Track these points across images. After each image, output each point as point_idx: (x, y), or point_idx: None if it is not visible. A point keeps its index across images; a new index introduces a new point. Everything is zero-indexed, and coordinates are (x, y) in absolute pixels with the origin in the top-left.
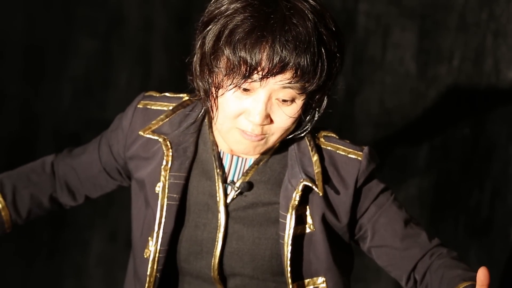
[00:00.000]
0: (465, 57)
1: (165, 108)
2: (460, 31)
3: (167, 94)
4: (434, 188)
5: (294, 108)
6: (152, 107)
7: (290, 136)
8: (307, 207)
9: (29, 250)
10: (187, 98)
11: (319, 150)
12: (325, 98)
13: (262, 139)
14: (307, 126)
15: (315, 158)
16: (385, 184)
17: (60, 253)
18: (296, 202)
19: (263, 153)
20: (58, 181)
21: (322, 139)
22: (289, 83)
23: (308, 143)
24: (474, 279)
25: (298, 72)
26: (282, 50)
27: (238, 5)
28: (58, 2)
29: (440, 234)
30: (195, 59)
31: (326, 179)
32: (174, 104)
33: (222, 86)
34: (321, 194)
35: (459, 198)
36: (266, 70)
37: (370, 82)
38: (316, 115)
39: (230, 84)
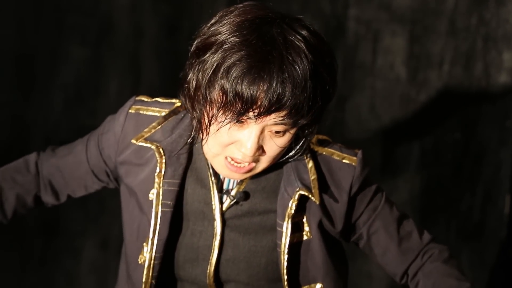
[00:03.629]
0: (455, 61)
1: (157, 114)
2: (450, 36)
3: (158, 99)
4: (425, 192)
5: (286, 139)
6: (144, 113)
7: (280, 161)
8: (304, 214)
9: (20, 258)
10: (179, 104)
11: (313, 155)
12: (315, 127)
13: (249, 170)
14: (298, 153)
15: (310, 164)
16: (376, 184)
17: (52, 260)
18: (292, 211)
19: None
20: (42, 180)
21: (316, 144)
22: (282, 120)
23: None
24: None
25: (293, 111)
26: (279, 90)
27: (235, 40)
28: (49, 10)
29: None
30: (190, 86)
31: (322, 185)
32: (166, 110)
33: (216, 119)
34: (317, 202)
35: (450, 202)
36: (262, 109)
37: (360, 88)
38: (306, 142)
39: (225, 120)
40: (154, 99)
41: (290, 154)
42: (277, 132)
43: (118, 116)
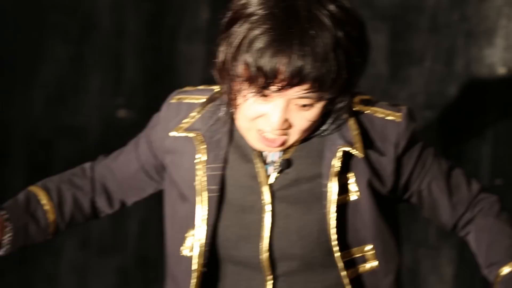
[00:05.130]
0: (437, 58)
1: (196, 101)
2: (432, 33)
3: (200, 87)
4: None
5: (314, 112)
6: (185, 101)
7: (315, 134)
8: (351, 174)
9: None
10: (217, 90)
11: (356, 114)
12: (346, 100)
13: (281, 144)
14: (331, 127)
15: (351, 121)
16: (423, 140)
17: (31, 260)
18: (336, 169)
19: None
20: (97, 183)
21: (359, 103)
22: (306, 93)
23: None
24: None
25: (316, 84)
26: (299, 63)
27: (261, 12)
28: (30, 8)
29: (412, 234)
30: (218, 60)
31: (366, 142)
32: (205, 97)
33: (241, 92)
34: (361, 156)
35: None
36: (283, 82)
37: None
38: (338, 116)
39: (249, 93)
40: (196, 88)
41: (323, 127)
42: (303, 105)
43: (161, 109)
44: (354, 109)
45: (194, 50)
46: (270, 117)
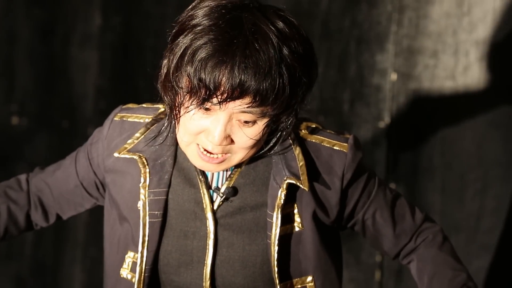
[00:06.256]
0: (329, 64)
1: (141, 121)
2: (323, 38)
3: (144, 105)
4: None
5: (256, 130)
6: (129, 119)
7: (259, 154)
8: (295, 205)
9: None
10: (162, 109)
11: (302, 143)
12: (291, 118)
13: (222, 161)
14: (275, 146)
15: (297, 151)
16: (369, 169)
17: None
18: (282, 201)
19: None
20: (32, 197)
21: (305, 131)
22: (248, 107)
23: (289, 137)
24: (462, 282)
25: (257, 98)
26: (241, 75)
27: (206, 23)
28: None
29: None
30: (162, 72)
31: (312, 173)
32: (150, 117)
33: (183, 105)
34: (306, 189)
35: None
36: (225, 95)
37: None
38: (283, 135)
39: (191, 105)
40: (139, 105)
41: (267, 147)
42: (246, 122)
43: (104, 125)
44: (300, 135)
45: (87, 56)
46: (211, 132)
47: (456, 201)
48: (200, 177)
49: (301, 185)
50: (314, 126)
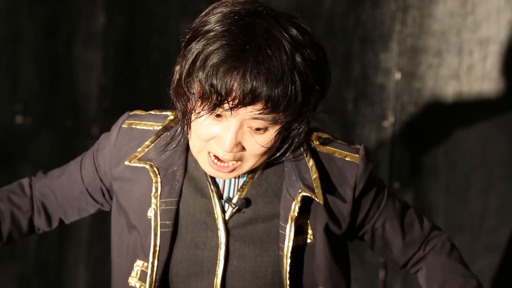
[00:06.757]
0: (333, 63)
1: (150, 128)
2: (327, 37)
3: (152, 112)
4: None
5: (267, 137)
6: (137, 127)
7: (270, 161)
8: (308, 217)
9: None
10: (171, 117)
11: (314, 154)
12: (303, 126)
13: (233, 169)
14: (286, 153)
15: (311, 163)
16: (379, 180)
17: None
18: (296, 214)
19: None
20: (36, 202)
21: (316, 142)
22: (260, 114)
23: (302, 148)
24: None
25: (269, 104)
26: (253, 81)
27: (219, 28)
28: None
29: None
30: (174, 78)
31: (325, 185)
32: (159, 125)
33: (195, 111)
34: (321, 203)
35: None
36: (236, 101)
37: None
38: (295, 142)
39: (202, 111)
40: (147, 112)
41: (277, 154)
42: (257, 129)
43: (111, 132)
44: (312, 146)
45: (91, 55)
46: (222, 138)
47: (460, 201)
48: (212, 187)
49: (316, 198)
50: (325, 136)
